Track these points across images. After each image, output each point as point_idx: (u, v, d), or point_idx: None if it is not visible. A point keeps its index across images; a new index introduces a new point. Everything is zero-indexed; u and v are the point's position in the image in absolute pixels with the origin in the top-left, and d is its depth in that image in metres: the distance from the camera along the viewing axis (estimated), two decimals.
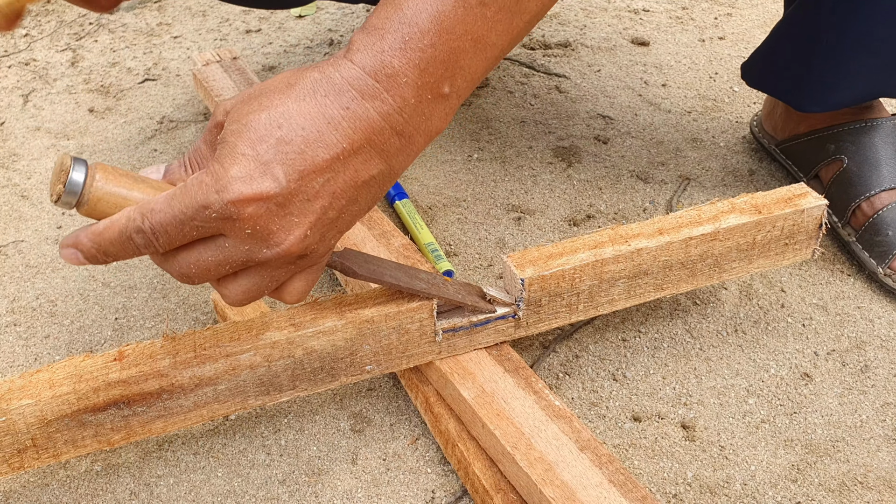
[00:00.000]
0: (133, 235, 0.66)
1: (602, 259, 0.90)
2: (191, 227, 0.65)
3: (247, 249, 0.67)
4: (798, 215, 0.96)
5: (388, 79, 0.66)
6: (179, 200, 0.65)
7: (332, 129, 0.66)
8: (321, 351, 0.84)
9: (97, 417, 0.80)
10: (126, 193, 0.67)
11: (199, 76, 1.41)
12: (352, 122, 0.66)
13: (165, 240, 0.66)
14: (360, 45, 0.67)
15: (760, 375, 1.00)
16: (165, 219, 0.65)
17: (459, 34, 0.67)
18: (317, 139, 0.65)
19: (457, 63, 0.68)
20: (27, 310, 1.12)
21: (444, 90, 0.69)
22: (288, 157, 0.65)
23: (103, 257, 0.69)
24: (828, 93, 1.17)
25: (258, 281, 0.70)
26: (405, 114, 0.68)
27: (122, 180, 0.68)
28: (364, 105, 0.66)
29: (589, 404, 0.97)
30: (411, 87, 0.67)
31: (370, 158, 0.68)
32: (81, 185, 0.66)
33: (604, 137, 1.41)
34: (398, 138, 0.69)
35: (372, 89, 0.66)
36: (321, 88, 0.66)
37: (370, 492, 0.88)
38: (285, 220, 0.66)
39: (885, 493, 0.88)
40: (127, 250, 0.68)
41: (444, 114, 0.71)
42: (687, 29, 1.76)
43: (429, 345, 0.89)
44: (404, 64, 0.66)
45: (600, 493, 0.77)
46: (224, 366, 0.81)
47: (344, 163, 0.67)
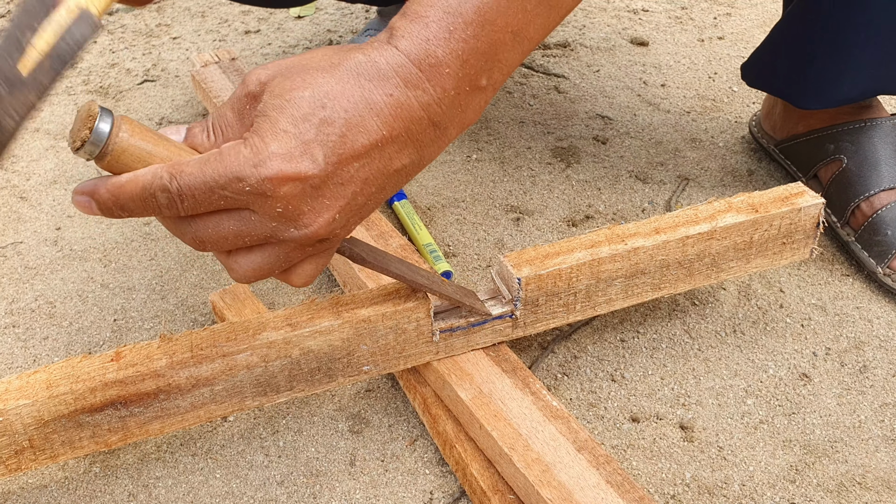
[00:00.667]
0: (157, 193, 0.64)
1: (599, 258, 0.90)
2: (220, 195, 0.64)
3: (273, 227, 0.65)
4: (795, 214, 0.96)
5: (431, 68, 0.65)
6: (213, 167, 0.63)
7: (374, 115, 0.65)
8: (318, 351, 0.84)
9: (94, 418, 0.80)
10: (151, 149, 0.64)
11: (197, 77, 1.41)
12: (394, 109, 0.65)
13: (191, 203, 0.64)
14: (405, 31, 0.66)
15: (759, 376, 1.00)
16: (195, 182, 0.63)
17: (501, 26, 0.67)
18: (358, 124, 0.64)
19: (496, 55, 0.68)
20: (26, 311, 1.12)
21: (482, 82, 0.69)
22: (329, 139, 0.64)
23: (119, 211, 0.66)
24: (828, 89, 1.17)
25: (272, 259, 0.69)
26: (444, 105, 0.67)
27: (147, 136, 0.65)
28: (407, 93, 0.65)
29: (587, 405, 0.97)
30: (452, 78, 0.66)
31: (404, 147, 0.67)
32: (107, 135, 0.62)
33: (603, 138, 1.41)
34: (434, 129, 0.68)
35: (415, 78, 0.65)
36: (365, 72, 0.65)
37: (368, 493, 0.88)
38: (317, 202, 0.65)
39: (883, 493, 0.88)
40: (147, 208, 0.65)
41: (479, 106, 0.70)
42: (686, 29, 1.76)
43: (426, 345, 0.89)
44: (447, 54, 0.66)
45: (597, 494, 0.77)
46: (221, 366, 0.81)
47: (381, 150, 0.66)
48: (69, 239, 1.24)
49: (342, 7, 1.87)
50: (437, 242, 1.19)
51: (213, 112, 0.69)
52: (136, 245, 1.22)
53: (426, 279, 0.85)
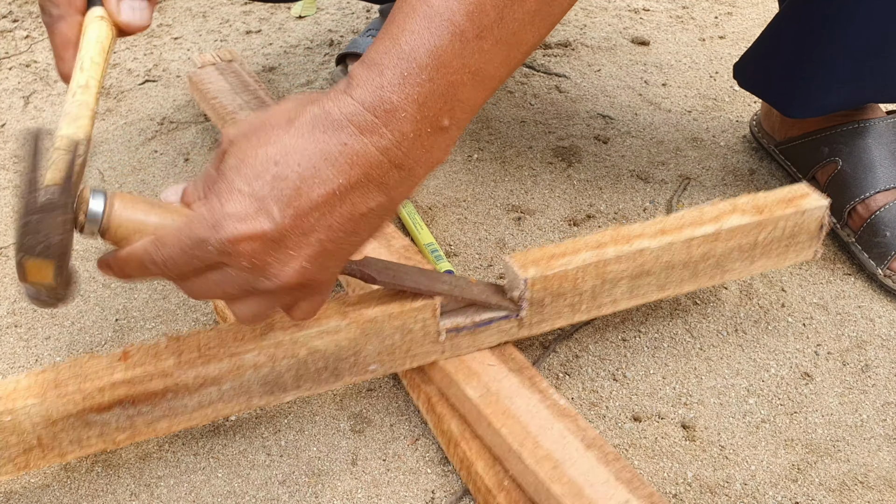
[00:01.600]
0: (148, 265, 0.69)
1: (604, 259, 0.90)
2: (195, 257, 0.68)
3: (247, 279, 0.69)
4: (800, 216, 0.96)
5: (386, 114, 0.66)
6: (185, 234, 0.67)
7: (329, 165, 0.66)
8: (325, 351, 0.84)
9: (102, 417, 0.80)
10: (143, 219, 0.70)
11: (194, 79, 1.41)
12: (349, 157, 0.66)
13: (175, 269, 0.69)
14: (360, 80, 0.67)
15: (761, 375, 1.00)
16: (174, 252, 0.68)
17: (457, 68, 0.67)
18: (313, 175, 0.66)
19: (455, 96, 0.68)
20: (28, 311, 1.12)
21: (444, 123, 0.69)
22: (283, 194, 0.66)
23: (130, 280, 0.75)
24: (814, 98, 1.18)
25: (263, 305, 0.72)
26: (404, 147, 0.67)
27: (140, 207, 0.70)
28: (362, 140, 0.66)
29: (589, 404, 0.97)
30: (410, 122, 0.67)
31: (368, 192, 0.68)
32: (101, 214, 0.69)
33: (604, 137, 1.41)
34: (397, 171, 0.68)
35: (370, 124, 0.66)
36: (320, 124, 0.67)
37: (370, 492, 0.88)
38: (281, 253, 0.68)
39: (885, 492, 0.88)
40: (148, 275, 0.71)
41: (445, 145, 0.71)
42: (687, 28, 1.76)
43: (432, 345, 0.89)
44: (403, 99, 0.66)
45: (608, 491, 0.77)
46: (228, 365, 0.81)
47: (341, 198, 0.67)
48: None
49: (343, 7, 1.87)
50: (439, 242, 1.19)
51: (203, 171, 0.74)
52: None
53: (448, 285, 0.86)
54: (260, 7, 1.88)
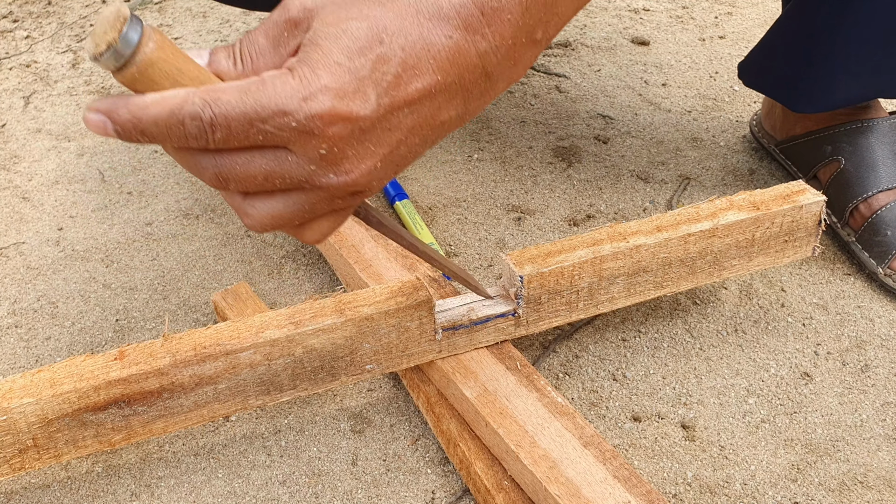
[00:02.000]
0: (186, 120, 0.56)
1: (601, 256, 0.90)
2: (259, 129, 0.57)
3: (311, 170, 0.59)
4: (797, 212, 0.96)
5: (493, 12, 0.60)
6: (255, 97, 0.56)
7: (431, 58, 0.59)
8: (321, 349, 0.84)
9: (98, 417, 0.80)
10: (182, 66, 0.57)
11: None
12: (451, 53, 0.60)
13: (223, 136, 0.57)
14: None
15: (760, 375, 1.00)
16: (233, 113, 0.56)
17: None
18: (414, 65, 0.59)
19: (555, 6, 0.64)
20: (28, 311, 1.12)
21: (538, 35, 0.64)
22: (384, 79, 0.58)
23: (137, 135, 0.57)
24: (822, 93, 1.17)
25: (295, 207, 0.62)
26: (499, 55, 0.62)
27: (178, 52, 0.57)
28: (466, 38, 0.60)
29: (589, 404, 0.97)
30: (512, 27, 0.61)
31: (454, 97, 0.62)
32: (136, 43, 0.54)
33: (604, 137, 1.41)
34: (485, 80, 0.63)
35: (477, 21, 0.60)
36: (426, 9, 0.59)
37: (370, 492, 0.88)
38: (362, 147, 0.60)
39: (885, 492, 0.88)
40: (172, 135, 0.57)
41: (529, 61, 0.65)
42: (687, 28, 1.76)
43: (429, 343, 0.89)
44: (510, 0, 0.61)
45: (605, 489, 0.77)
46: (224, 364, 0.81)
47: (432, 97, 0.61)
48: (71, 239, 1.24)
49: None
50: (439, 242, 1.19)
51: (242, 38, 0.62)
52: (138, 245, 1.22)
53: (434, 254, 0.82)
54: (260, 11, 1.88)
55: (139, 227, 1.26)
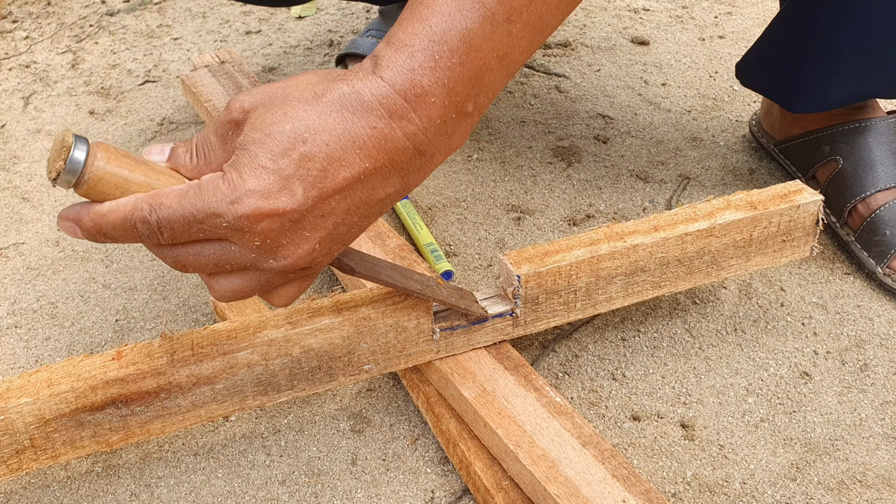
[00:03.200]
0: (138, 224, 0.64)
1: (598, 255, 0.90)
2: (199, 228, 0.64)
3: (252, 258, 0.66)
4: (794, 211, 0.96)
5: (416, 98, 0.65)
6: (191, 201, 0.63)
7: (357, 149, 0.64)
8: (319, 349, 0.84)
9: (95, 417, 0.80)
10: (128, 175, 0.65)
11: (187, 82, 1.41)
12: (377, 141, 0.64)
13: (170, 235, 0.65)
14: (390, 61, 0.65)
15: (760, 374, 1.00)
16: (174, 216, 0.64)
17: (487, 52, 0.66)
18: (340, 158, 0.64)
19: (482, 81, 0.67)
20: (28, 312, 1.12)
21: (468, 108, 0.68)
22: (310, 174, 0.63)
23: (103, 238, 0.67)
24: (819, 93, 1.17)
25: (252, 283, 0.69)
26: (429, 133, 0.66)
27: (124, 161, 0.65)
28: (391, 125, 0.65)
29: (588, 404, 0.97)
30: (439, 107, 0.66)
31: (388, 177, 0.67)
32: (82, 164, 0.62)
33: (603, 137, 1.41)
34: (419, 157, 0.67)
35: (401, 109, 0.64)
36: (349, 104, 0.64)
37: (370, 492, 0.88)
38: (297, 235, 0.65)
39: (884, 491, 0.88)
40: (128, 236, 0.66)
41: (465, 131, 0.70)
42: (687, 28, 1.76)
43: (427, 343, 0.89)
44: (433, 83, 0.65)
45: (604, 489, 0.77)
46: (221, 364, 0.81)
47: (363, 182, 0.65)
48: (71, 240, 1.24)
49: (343, 7, 1.87)
50: (438, 242, 1.19)
51: (198, 134, 0.69)
52: (137, 245, 1.22)
53: (420, 284, 0.84)
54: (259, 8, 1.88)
55: None
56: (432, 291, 0.85)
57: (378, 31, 1.50)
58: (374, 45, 1.47)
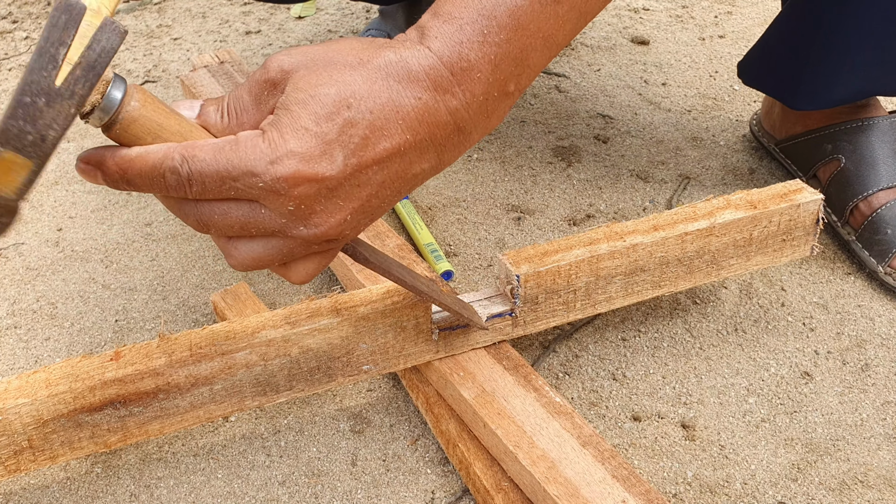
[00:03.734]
0: (167, 174, 0.61)
1: (597, 255, 0.90)
2: (231, 186, 0.61)
3: (282, 223, 0.63)
4: (794, 210, 0.96)
5: (462, 72, 0.63)
6: (227, 156, 0.61)
7: (400, 119, 0.63)
8: (317, 349, 0.84)
9: (93, 418, 0.80)
10: (163, 122, 0.62)
11: (187, 82, 1.40)
12: (421, 113, 0.63)
13: (199, 189, 0.62)
14: (437, 32, 0.64)
15: (760, 374, 1.00)
16: (207, 170, 0.61)
17: (533, 31, 0.65)
18: (383, 127, 0.62)
19: (526, 60, 0.66)
20: (27, 312, 1.12)
21: (510, 88, 0.67)
22: (352, 141, 0.62)
23: (125, 185, 0.63)
24: (822, 90, 1.17)
25: (274, 251, 0.66)
26: (472, 110, 0.65)
27: (160, 109, 0.62)
28: (436, 97, 0.63)
29: (589, 404, 0.97)
30: (482, 84, 0.65)
31: (426, 152, 0.65)
32: (118, 102, 0.60)
33: (604, 137, 1.41)
34: (458, 134, 0.66)
35: (446, 82, 0.63)
36: (395, 72, 0.63)
37: (370, 493, 0.88)
38: (331, 203, 0.63)
39: (885, 491, 0.88)
40: (154, 186, 0.63)
41: (503, 111, 0.68)
42: (687, 27, 1.76)
43: (425, 343, 0.89)
44: (480, 58, 0.64)
45: (604, 489, 0.77)
46: (220, 364, 0.81)
47: (402, 155, 0.64)
48: (70, 240, 1.24)
49: (343, 7, 1.87)
50: (438, 242, 1.19)
51: (230, 93, 0.67)
52: (137, 246, 1.22)
53: (426, 287, 0.84)
54: (259, 8, 1.88)
55: (138, 227, 1.25)
56: (438, 296, 0.85)
57: (378, 31, 1.50)
58: None
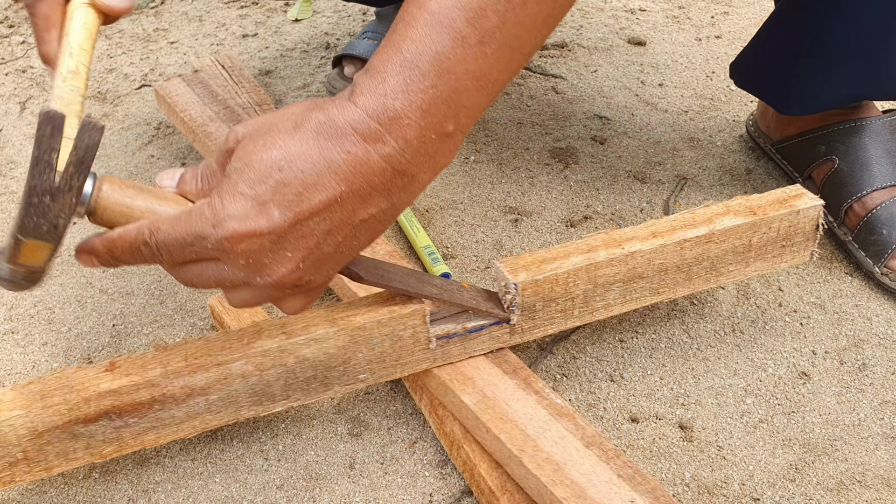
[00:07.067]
0: (141, 248, 0.71)
1: (596, 262, 0.89)
2: (191, 250, 0.70)
3: (242, 276, 0.71)
4: (794, 216, 0.96)
5: (390, 121, 0.67)
6: (182, 226, 0.69)
7: (332, 173, 0.67)
8: (313, 359, 0.84)
9: (89, 429, 0.80)
10: (130, 203, 0.72)
11: (161, 92, 1.38)
12: (352, 165, 0.67)
13: (168, 256, 0.71)
14: (363, 88, 0.68)
15: (758, 375, 1.00)
16: (168, 239, 0.70)
17: (460, 74, 0.68)
18: (315, 182, 0.67)
19: (459, 101, 0.69)
20: (25, 317, 1.12)
21: (449, 129, 0.69)
22: (285, 199, 0.67)
23: (115, 262, 0.74)
24: (810, 96, 1.17)
25: (256, 295, 0.74)
26: (408, 154, 0.68)
27: (127, 191, 0.72)
28: (366, 148, 0.67)
29: (587, 406, 0.97)
30: (414, 128, 0.67)
31: (370, 198, 0.69)
32: (89, 196, 0.70)
33: (601, 138, 1.41)
34: (401, 178, 0.69)
35: (374, 132, 0.67)
36: (324, 131, 0.67)
37: (368, 496, 0.88)
38: (278, 254, 0.69)
39: (883, 491, 0.88)
40: (137, 259, 0.72)
41: (449, 150, 0.71)
42: (683, 28, 1.75)
43: (423, 352, 0.89)
44: (406, 106, 0.67)
45: (611, 489, 0.77)
46: (215, 375, 0.81)
47: (341, 204, 0.68)
48: (67, 244, 1.23)
49: (339, 10, 1.86)
50: (436, 244, 1.19)
51: (204, 161, 0.75)
52: None
53: (438, 288, 0.85)
54: (256, 11, 1.87)
55: None
56: (451, 295, 0.86)
57: (374, 34, 1.50)
58: (370, 46, 1.47)
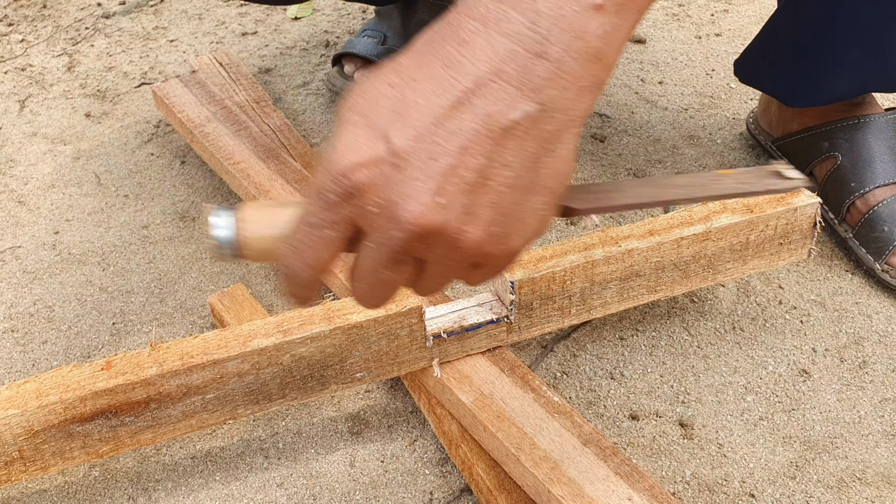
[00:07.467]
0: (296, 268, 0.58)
1: (592, 261, 0.89)
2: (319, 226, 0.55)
3: (386, 239, 0.54)
4: (791, 214, 0.95)
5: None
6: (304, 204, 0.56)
7: (450, 71, 0.53)
8: (310, 358, 0.84)
9: (85, 428, 0.80)
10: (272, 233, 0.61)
11: (159, 93, 1.38)
12: (472, 54, 0.53)
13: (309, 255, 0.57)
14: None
15: (758, 373, 1.00)
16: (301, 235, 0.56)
17: None
18: (433, 87, 0.53)
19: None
20: (24, 315, 1.12)
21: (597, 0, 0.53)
22: (400, 115, 0.53)
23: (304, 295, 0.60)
24: (817, 88, 1.17)
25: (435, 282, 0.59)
26: (541, 28, 0.52)
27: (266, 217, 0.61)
28: (486, 31, 0.53)
29: (587, 403, 0.97)
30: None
31: (503, 94, 0.53)
32: (234, 241, 0.61)
33: (601, 136, 1.41)
34: (539, 61, 0.53)
35: (494, 12, 0.53)
36: (437, 34, 0.55)
37: (368, 494, 0.88)
38: (408, 185, 0.53)
39: (883, 488, 0.88)
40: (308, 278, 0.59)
41: (602, 30, 0.54)
42: (683, 26, 1.75)
43: (420, 350, 0.88)
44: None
45: (608, 487, 0.77)
46: (211, 374, 0.81)
47: (470, 106, 0.53)
48: (67, 243, 1.24)
49: (339, 8, 1.86)
50: None
51: None
52: (134, 248, 1.22)
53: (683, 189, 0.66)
54: (256, 9, 1.87)
55: (135, 230, 1.25)
56: (703, 190, 0.66)
57: (374, 32, 1.50)
58: (370, 44, 1.46)
